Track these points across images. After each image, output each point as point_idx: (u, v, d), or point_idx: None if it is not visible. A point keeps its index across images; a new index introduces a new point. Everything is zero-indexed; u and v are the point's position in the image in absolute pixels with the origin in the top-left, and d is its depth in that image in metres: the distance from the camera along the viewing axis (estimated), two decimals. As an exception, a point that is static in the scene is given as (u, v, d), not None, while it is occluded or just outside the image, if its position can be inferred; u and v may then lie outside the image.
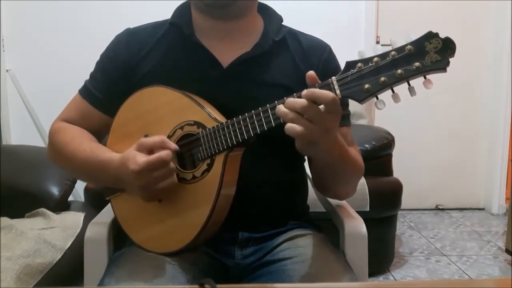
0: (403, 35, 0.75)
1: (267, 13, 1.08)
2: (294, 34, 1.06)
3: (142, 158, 0.84)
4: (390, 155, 2.34)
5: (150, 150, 0.86)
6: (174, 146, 0.87)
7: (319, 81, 0.78)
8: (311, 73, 0.78)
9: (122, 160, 0.88)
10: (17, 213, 1.51)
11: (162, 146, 0.86)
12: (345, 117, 1.04)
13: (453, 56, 0.72)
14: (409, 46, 0.73)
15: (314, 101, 0.75)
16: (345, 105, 1.03)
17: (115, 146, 0.99)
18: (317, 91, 0.75)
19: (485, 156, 3.27)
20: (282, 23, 1.07)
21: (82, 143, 0.99)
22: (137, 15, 1.63)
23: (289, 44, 1.04)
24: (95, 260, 1.01)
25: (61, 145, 1.01)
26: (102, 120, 1.04)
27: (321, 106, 0.75)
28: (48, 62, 2.74)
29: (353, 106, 1.01)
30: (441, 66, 0.71)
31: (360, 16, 2.94)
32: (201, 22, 1.02)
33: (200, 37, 1.01)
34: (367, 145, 2.19)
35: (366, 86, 0.74)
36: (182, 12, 1.05)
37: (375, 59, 0.74)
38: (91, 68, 1.08)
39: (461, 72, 3.10)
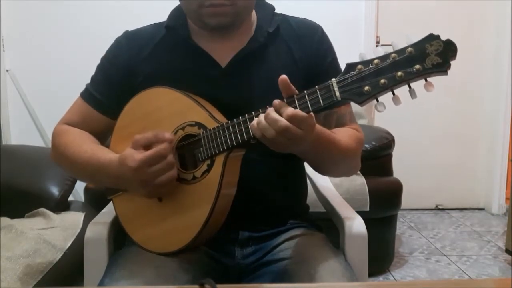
0: (404, 37, 0.74)
1: (259, 5, 1.06)
2: (286, 21, 1.05)
3: (139, 155, 0.85)
4: (390, 155, 2.34)
5: (145, 146, 0.87)
6: (168, 136, 0.87)
7: (292, 87, 0.79)
8: (283, 77, 0.78)
9: (120, 159, 0.89)
10: (17, 213, 1.51)
11: (156, 140, 0.86)
12: None
13: (455, 59, 0.71)
14: (410, 48, 0.72)
15: (292, 122, 0.76)
16: None
17: (118, 147, 0.99)
18: (295, 114, 0.76)
19: (485, 156, 3.27)
20: (275, 12, 1.06)
21: (83, 145, 1.00)
22: (137, 15, 1.63)
23: (283, 33, 1.04)
24: (95, 260, 1.01)
25: (63, 147, 1.02)
26: (103, 122, 1.05)
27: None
28: (48, 62, 2.74)
29: (353, 106, 1.01)
30: (442, 68, 0.71)
31: (360, 16, 2.93)
32: (198, 28, 1.02)
33: (196, 39, 1.02)
34: (367, 145, 2.19)
35: (366, 88, 0.74)
36: (177, 15, 1.05)
37: (376, 61, 0.74)
38: (91, 68, 1.08)
39: (461, 72, 3.09)
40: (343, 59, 0.89)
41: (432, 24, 2.96)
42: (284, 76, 0.79)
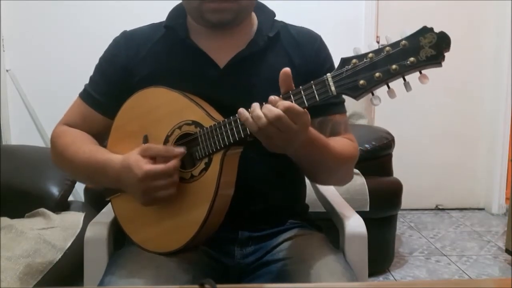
0: (400, 33, 0.74)
1: (260, 9, 1.07)
2: (286, 28, 1.06)
3: (147, 165, 0.85)
4: (390, 155, 2.34)
5: (153, 157, 0.87)
6: (179, 150, 0.87)
7: (291, 82, 0.79)
8: (287, 70, 0.78)
9: (123, 162, 0.89)
10: (17, 213, 1.51)
11: (166, 155, 0.87)
12: (338, 105, 1.04)
13: (448, 51, 0.71)
14: (403, 42, 0.73)
15: (287, 114, 0.76)
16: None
17: (115, 146, 0.99)
18: (292, 106, 0.76)
19: (485, 156, 3.27)
20: (275, 18, 1.07)
21: (82, 145, 1.00)
22: (137, 15, 1.63)
23: (282, 39, 1.04)
24: (95, 260, 1.01)
25: (62, 148, 1.02)
26: (103, 122, 1.05)
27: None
28: (48, 62, 2.73)
29: (353, 106, 1.02)
30: (436, 60, 0.71)
31: (360, 16, 2.93)
32: (198, 26, 1.02)
33: (195, 39, 1.02)
34: (367, 145, 2.19)
35: (361, 82, 0.74)
36: (176, 15, 1.05)
37: (370, 55, 0.74)
38: (91, 68, 1.09)
39: (461, 72, 3.10)
40: (343, 59, 0.88)
41: (432, 24, 2.92)
42: (287, 69, 0.79)
